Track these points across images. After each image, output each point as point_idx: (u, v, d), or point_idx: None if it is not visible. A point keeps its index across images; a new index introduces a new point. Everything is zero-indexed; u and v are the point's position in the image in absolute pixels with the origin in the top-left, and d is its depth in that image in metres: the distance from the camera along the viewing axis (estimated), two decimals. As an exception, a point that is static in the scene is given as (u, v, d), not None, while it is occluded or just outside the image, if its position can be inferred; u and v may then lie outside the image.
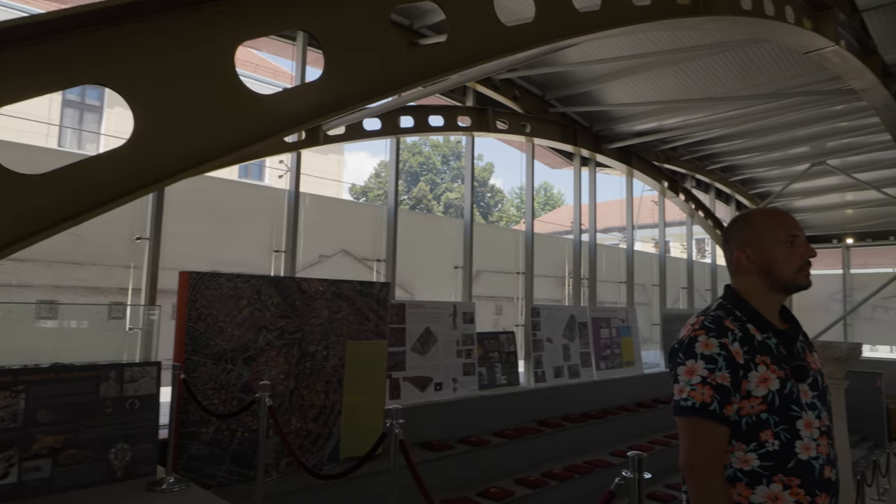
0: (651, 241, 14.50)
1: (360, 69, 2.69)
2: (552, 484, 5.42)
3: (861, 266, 14.56)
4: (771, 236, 1.70)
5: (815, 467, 1.56)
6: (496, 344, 7.19)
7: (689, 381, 1.61)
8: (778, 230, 1.70)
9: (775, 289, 1.71)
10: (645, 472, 2.16)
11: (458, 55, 2.90)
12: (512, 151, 57.11)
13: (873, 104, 7.27)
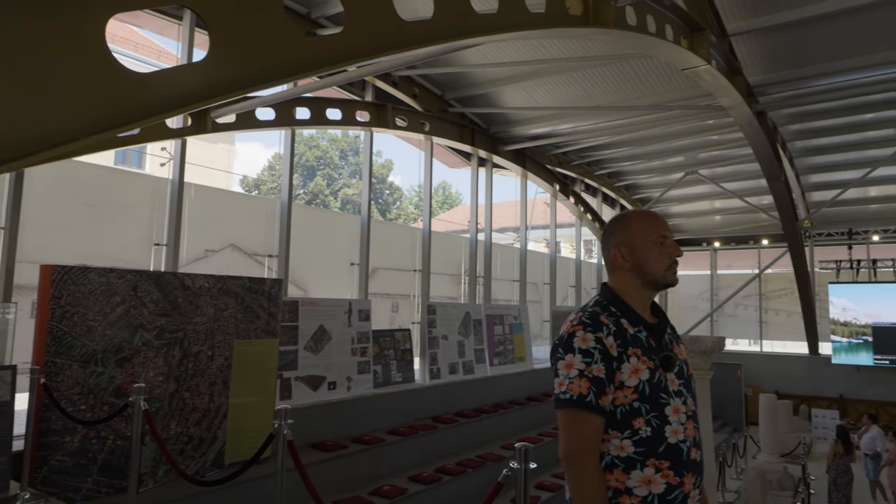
0: (543, 242, 15.10)
1: (250, 53, 2.56)
2: (445, 479, 5.48)
3: (726, 268, 16.04)
4: (644, 237, 1.82)
5: (683, 450, 1.68)
6: (392, 341, 7.16)
7: (567, 374, 1.68)
8: (650, 231, 1.82)
9: (647, 285, 1.82)
10: (531, 463, 2.23)
11: (355, 47, 2.85)
12: (411, 149, 57.22)
13: (738, 120, 8.01)
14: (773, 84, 8.33)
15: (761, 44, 7.48)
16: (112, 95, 1.89)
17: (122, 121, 1.95)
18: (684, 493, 1.66)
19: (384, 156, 32.60)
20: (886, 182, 12.15)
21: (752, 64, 7.87)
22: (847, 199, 12.68)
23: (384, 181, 31.29)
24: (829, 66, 7.89)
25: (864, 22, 6.91)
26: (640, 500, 1.63)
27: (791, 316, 14.46)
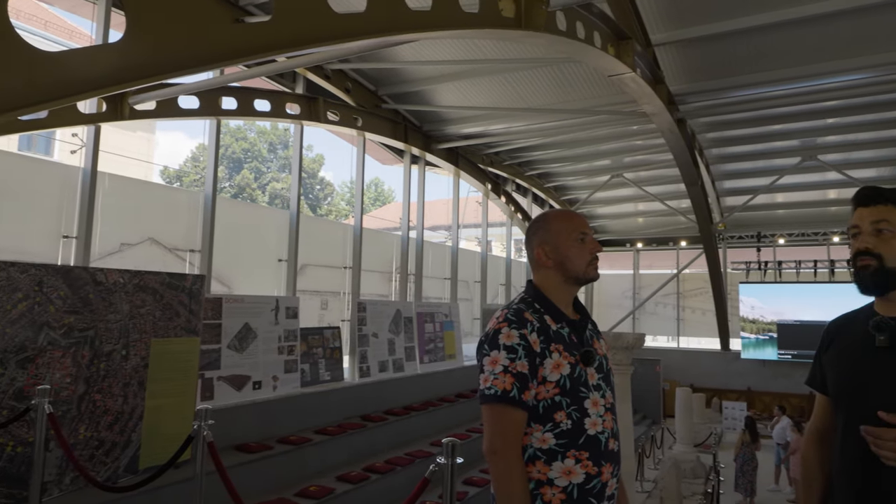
0: (475, 240, 15.27)
1: (171, 37, 2.43)
2: (373, 478, 5.43)
3: (647, 268, 16.78)
4: (565, 235, 1.88)
5: (602, 441, 1.75)
6: (321, 339, 7.03)
7: (492, 370, 1.72)
8: (571, 229, 1.89)
9: (569, 281, 1.89)
10: (458, 458, 2.24)
11: (283, 36, 2.76)
12: (343, 144, 56.48)
13: (660, 127, 8.39)
14: (693, 93, 8.78)
15: (682, 55, 7.87)
16: (12, 73, 1.74)
17: (25, 101, 1.81)
18: (602, 482, 1.73)
19: (315, 150, 31.95)
20: (792, 189, 13.07)
21: (674, 73, 8.26)
22: (756, 205, 13.56)
23: (315, 176, 30.67)
24: (742, 79, 8.39)
25: (772, 40, 7.40)
26: (560, 490, 1.69)
27: (705, 314, 15.32)
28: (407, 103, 9.27)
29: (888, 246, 1.60)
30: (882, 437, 1.44)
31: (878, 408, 1.53)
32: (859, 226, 1.65)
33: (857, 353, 1.65)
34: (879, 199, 1.63)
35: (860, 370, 1.62)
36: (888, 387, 1.54)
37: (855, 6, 6.54)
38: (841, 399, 1.69)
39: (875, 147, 10.94)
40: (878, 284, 1.62)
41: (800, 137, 10.80)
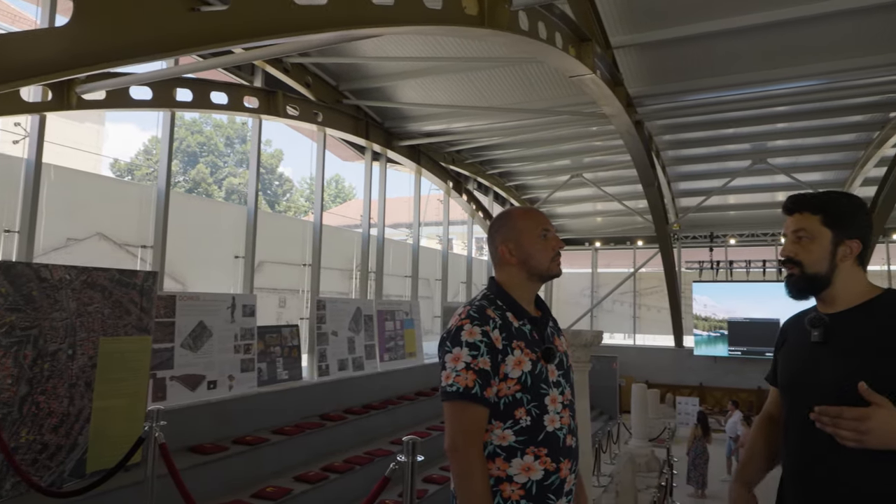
0: (436, 238, 15.27)
1: (121, 23, 2.33)
2: (332, 477, 5.37)
3: (605, 266, 17.09)
4: (528, 232, 1.89)
5: (560, 437, 1.77)
6: (278, 338, 6.90)
7: (454, 367, 1.72)
8: (534, 226, 1.90)
9: (533, 278, 1.90)
10: (419, 456, 2.23)
11: (241, 26, 2.68)
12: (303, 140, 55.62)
13: (619, 128, 8.54)
14: (650, 96, 8.97)
15: (641, 58, 8.02)
16: (-55, 56, 1.64)
17: (-41, 86, 1.70)
18: (561, 478, 1.75)
19: (274, 145, 31.30)
20: (743, 191, 13.52)
21: (633, 76, 8.42)
22: (710, 206, 13.97)
23: (273, 172, 30.13)
24: (697, 83, 8.62)
25: (726, 46, 7.62)
26: (519, 486, 1.70)
27: (660, 311, 15.70)
28: (369, 99, 9.18)
29: (807, 252, 1.68)
30: (842, 416, 1.48)
31: (813, 399, 1.61)
32: (785, 234, 1.76)
33: (799, 348, 1.74)
34: (797, 208, 1.73)
35: (799, 364, 1.72)
36: (821, 380, 1.62)
37: (802, 16, 6.78)
38: (784, 391, 1.78)
39: (821, 152, 11.41)
40: (802, 290, 1.71)
41: (751, 141, 11.17)
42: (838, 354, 1.61)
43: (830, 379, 1.60)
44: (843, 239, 1.67)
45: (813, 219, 1.69)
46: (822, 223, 1.68)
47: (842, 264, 1.67)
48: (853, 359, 1.58)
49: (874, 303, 1.64)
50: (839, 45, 7.47)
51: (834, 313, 1.68)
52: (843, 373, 1.58)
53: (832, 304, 1.69)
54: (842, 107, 9.50)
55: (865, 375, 1.53)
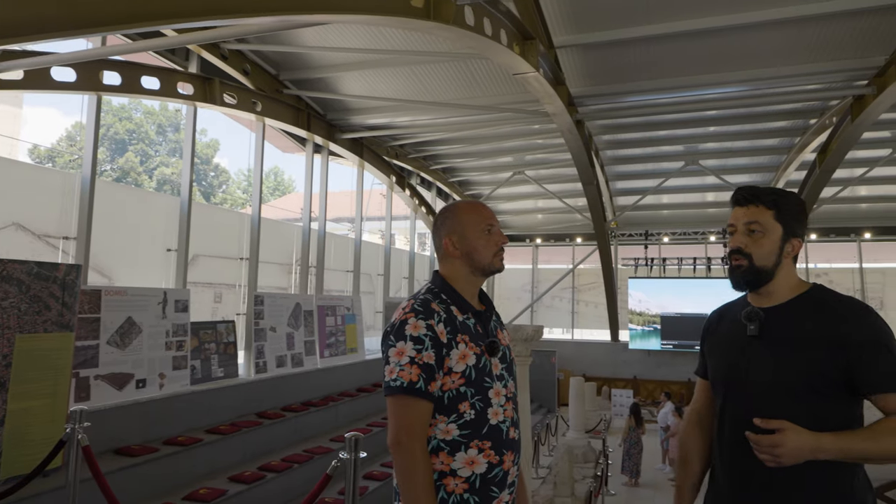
0: (378, 233, 15.14)
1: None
2: (269, 476, 5.23)
3: (545, 263, 17.42)
4: (473, 225, 1.89)
5: (503, 430, 1.77)
6: (214, 334, 6.66)
7: (398, 361, 1.70)
8: (478, 221, 1.90)
9: (476, 272, 1.90)
10: (361, 452, 2.19)
11: (167, 6, 2.53)
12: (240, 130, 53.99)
13: (561, 127, 8.70)
14: (591, 96, 9.18)
15: (582, 58, 8.19)
16: None
17: None
18: (504, 470, 1.76)
19: (209, 135, 30.21)
20: (676, 191, 14.06)
21: (574, 76, 8.58)
22: (645, 205, 14.45)
23: (209, 162, 29.07)
24: (635, 86, 8.88)
25: (663, 50, 7.88)
26: (463, 480, 1.70)
27: (598, 307, 16.15)
28: (310, 90, 8.98)
29: (758, 246, 1.71)
30: (760, 444, 1.55)
31: (751, 389, 1.67)
32: (735, 225, 1.77)
33: (732, 341, 1.78)
34: (753, 200, 1.74)
35: (734, 357, 1.75)
36: (758, 372, 1.67)
37: (731, 25, 7.10)
38: (718, 384, 1.81)
39: (749, 155, 11.99)
40: (749, 282, 1.74)
41: (684, 143, 11.62)
42: (772, 347, 1.67)
43: (765, 372, 1.66)
44: (790, 236, 1.72)
45: (767, 213, 1.71)
46: (775, 218, 1.71)
47: (785, 260, 1.72)
48: (786, 351, 1.63)
49: (804, 297, 1.71)
50: (764, 54, 7.86)
51: (768, 307, 1.73)
52: (777, 363, 1.64)
53: (768, 298, 1.74)
54: (766, 112, 10.01)
55: (797, 365, 1.60)
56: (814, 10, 6.76)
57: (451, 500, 1.70)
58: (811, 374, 1.58)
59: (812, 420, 1.56)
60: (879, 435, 1.51)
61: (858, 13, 6.87)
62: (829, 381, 1.58)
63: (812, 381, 1.58)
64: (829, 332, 1.59)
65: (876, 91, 7.73)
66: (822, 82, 8.55)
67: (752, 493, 1.65)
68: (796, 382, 1.60)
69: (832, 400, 1.59)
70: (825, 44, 7.55)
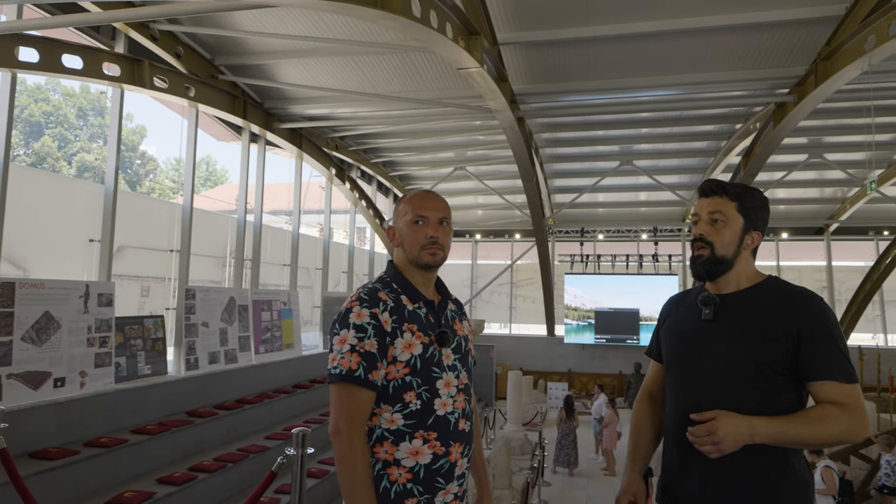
0: (317, 227, 14.83)
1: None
2: (201, 477, 5.01)
3: (484, 258, 17.58)
4: (405, 217, 1.87)
5: (451, 421, 1.76)
6: (140, 330, 6.32)
7: (340, 349, 1.69)
8: (409, 211, 1.87)
9: (412, 264, 1.88)
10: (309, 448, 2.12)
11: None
12: (170, 117, 51.75)
13: (503, 124, 8.77)
14: (532, 94, 9.31)
15: (525, 56, 8.28)
16: None
17: None
18: (451, 462, 1.75)
19: (136, 120, 28.71)
20: (611, 190, 14.50)
21: (516, 73, 8.67)
22: (581, 203, 14.83)
23: (135, 149, 27.61)
24: (575, 85, 9.08)
25: (601, 52, 8.08)
26: (407, 470, 1.70)
27: (535, 302, 16.46)
28: (247, 76, 8.66)
29: (720, 235, 1.78)
30: (697, 433, 1.61)
31: (702, 371, 1.73)
32: (699, 214, 1.84)
33: (687, 324, 1.85)
34: (718, 192, 1.81)
35: (688, 339, 1.82)
36: (710, 355, 1.74)
37: (667, 30, 7.38)
38: (671, 365, 1.87)
39: (679, 156, 12.51)
40: (709, 271, 1.81)
41: (619, 144, 11.99)
42: (725, 331, 1.74)
43: (716, 355, 1.72)
44: (750, 229, 1.80)
45: (730, 205, 1.78)
46: (737, 210, 1.78)
47: (744, 252, 1.80)
48: (738, 337, 1.71)
49: (759, 287, 1.79)
50: (695, 59, 8.20)
51: (724, 294, 1.80)
52: (729, 348, 1.71)
53: (725, 286, 1.81)
54: (696, 117, 10.47)
55: (748, 351, 1.67)
56: (740, 20, 7.11)
57: (395, 489, 1.69)
58: (761, 359, 1.65)
59: (760, 404, 1.63)
60: (810, 421, 1.59)
61: (781, 25, 7.28)
62: (778, 367, 1.65)
63: (762, 366, 1.65)
64: (781, 320, 1.67)
65: (796, 99, 8.21)
66: (748, 89, 9.01)
67: (700, 471, 1.70)
68: (746, 367, 1.67)
69: (780, 385, 1.66)
70: (751, 53, 7.95)
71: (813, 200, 14.68)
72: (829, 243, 15.31)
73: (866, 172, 11.50)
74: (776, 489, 1.63)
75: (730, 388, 1.67)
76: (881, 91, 8.62)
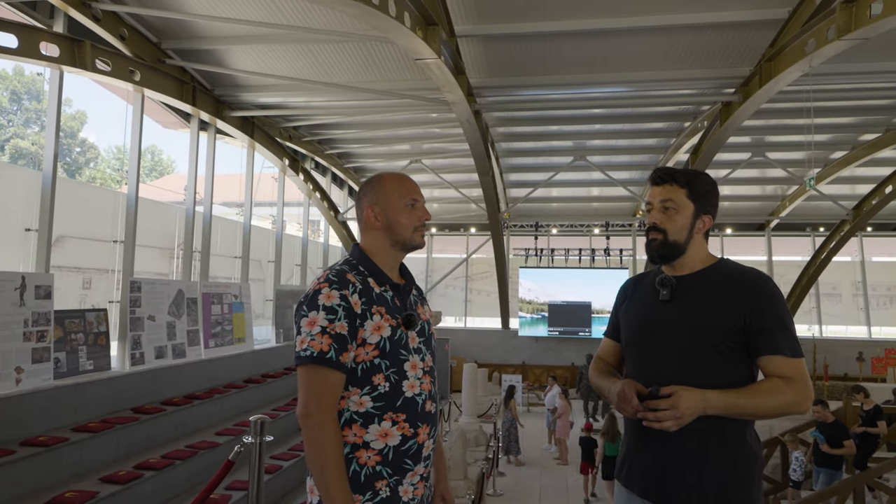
0: (269, 219, 14.51)
1: None
2: (147, 475, 4.83)
3: (440, 252, 17.59)
4: (396, 198, 1.86)
5: (419, 402, 1.77)
6: (82, 323, 6.04)
7: (309, 331, 1.66)
8: (402, 194, 1.88)
9: (396, 246, 1.88)
10: (267, 436, 2.06)
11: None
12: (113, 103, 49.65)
13: (460, 116, 8.77)
14: (488, 88, 9.34)
15: (482, 49, 8.29)
16: None
17: None
18: (419, 443, 1.76)
19: (76, 106, 27.37)
20: (565, 185, 14.72)
21: (473, 66, 8.68)
22: (536, 197, 15.01)
23: (74, 136, 26.35)
24: (530, 80, 9.15)
25: (556, 47, 8.18)
26: (376, 452, 1.70)
27: (490, 295, 16.58)
28: (196, 62, 8.37)
29: (672, 221, 1.85)
30: (658, 407, 1.66)
31: (661, 349, 1.79)
32: (652, 203, 1.91)
33: (645, 305, 1.91)
34: (668, 180, 1.88)
35: (646, 320, 1.88)
36: (667, 334, 1.80)
37: (620, 27, 7.52)
38: (630, 345, 1.93)
39: (630, 153, 12.80)
40: (663, 256, 1.88)
41: (573, 139, 12.17)
42: (682, 311, 1.81)
43: (673, 333, 1.79)
44: (701, 213, 1.87)
45: (680, 191, 1.85)
46: (687, 197, 1.85)
47: (696, 236, 1.87)
48: (694, 314, 1.78)
49: (712, 268, 1.87)
50: (646, 57, 8.39)
51: (680, 276, 1.88)
52: (686, 326, 1.77)
53: (680, 269, 1.89)
54: (647, 114, 10.73)
55: (703, 329, 1.74)
56: (691, 20, 7.31)
57: (364, 472, 1.69)
58: (716, 336, 1.73)
59: (715, 379, 1.70)
60: (759, 394, 1.68)
61: (729, 26, 7.52)
62: (730, 344, 1.73)
63: (716, 343, 1.73)
64: (734, 299, 1.75)
65: (742, 99, 8.51)
66: (696, 88, 9.29)
67: (657, 444, 1.76)
68: (702, 344, 1.74)
69: (733, 361, 1.74)
70: (700, 53, 8.19)
71: (755, 197, 15.29)
72: (769, 239, 15.98)
73: (805, 171, 12.06)
74: (730, 461, 1.70)
75: (687, 364, 1.73)
76: (820, 93, 9.02)
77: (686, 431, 1.69)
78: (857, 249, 16.09)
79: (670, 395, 1.65)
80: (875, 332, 15.83)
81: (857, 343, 14.70)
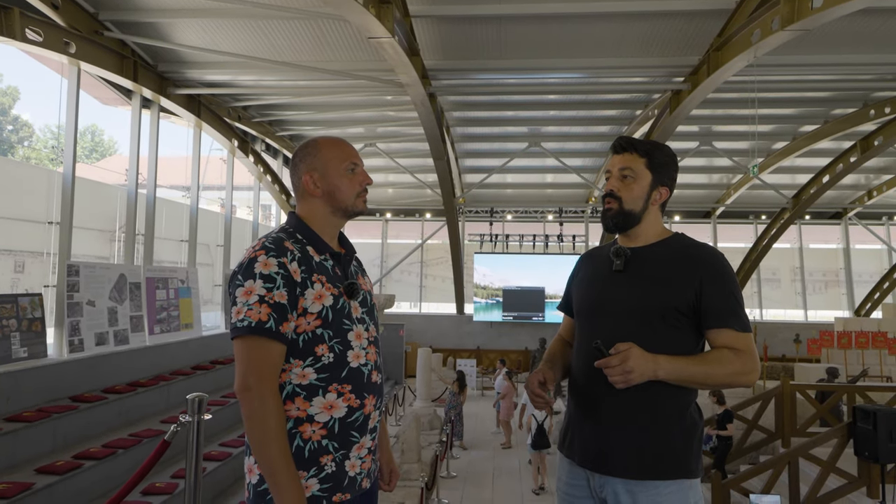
0: (218, 202, 14.07)
1: None
2: (87, 465, 4.63)
3: (395, 237, 17.46)
4: (335, 163, 1.79)
5: (365, 373, 1.72)
6: (14, 309, 5.72)
7: (246, 301, 1.57)
8: (342, 158, 1.80)
9: (337, 213, 1.81)
10: (206, 414, 1.96)
11: None
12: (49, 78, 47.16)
13: (414, 99, 8.66)
14: (443, 70, 9.24)
15: (437, 30, 8.19)
16: None
17: None
18: (365, 414, 1.71)
19: (7, 80, 25.81)
20: (520, 171, 14.80)
21: (428, 48, 8.56)
22: (491, 183, 15.06)
23: (6, 113, 24.91)
24: (486, 63, 9.10)
25: (513, 31, 8.15)
26: (321, 426, 1.64)
27: (445, 281, 16.60)
28: (137, 35, 7.96)
29: (629, 190, 1.85)
30: (610, 363, 1.66)
31: (612, 317, 1.80)
32: (611, 171, 1.90)
33: (599, 276, 1.91)
34: (628, 148, 1.87)
35: (599, 288, 1.88)
36: (619, 303, 1.81)
37: (574, 13, 7.55)
38: (582, 314, 1.93)
39: (583, 140, 12.95)
40: (618, 224, 1.88)
41: (528, 125, 12.22)
42: (634, 280, 1.82)
43: (624, 302, 1.80)
44: (658, 185, 1.87)
45: (639, 161, 1.84)
46: (646, 166, 1.85)
47: (652, 207, 1.88)
48: (646, 286, 1.79)
49: (665, 242, 1.88)
50: (599, 44, 8.46)
51: (634, 247, 1.88)
52: (637, 295, 1.78)
53: (635, 240, 1.89)
54: (600, 101, 10.86)
55: (655, 298, 1.76)
56: (642, 7, 7.40)
57: (308, 447, 1.62)
58: (666, 306, 1.74)
59: (664, 348, 1.71)
60: (707, 361, 1.71)
61: (679, 14, 7.64)
62: (680, 315, 1.74)
63: (666, 313, 1.74)
64: (686, 272, 1.76)
65: (690, 87, 8.71)
66: (647, 76, 9.44)
67: (601, 414, 1.78)
68: (653, 313, 1.75)
69: (682, 332, 1.76)
70: (651, 40, 8.31)
71: (702, 186, 15.75)
72: (715, 226, 16.52)
73: (749, 160, 12.48)
74: (670, 431, 1.73)
75: (637, 331, 1.74)
76: (764, 83, 9.31)
77: (627, 403, 1.71)
78: (796, 237, 16.82)
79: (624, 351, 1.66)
80: (811, 315, 16.65)
81: (795, 326, 15.43)
